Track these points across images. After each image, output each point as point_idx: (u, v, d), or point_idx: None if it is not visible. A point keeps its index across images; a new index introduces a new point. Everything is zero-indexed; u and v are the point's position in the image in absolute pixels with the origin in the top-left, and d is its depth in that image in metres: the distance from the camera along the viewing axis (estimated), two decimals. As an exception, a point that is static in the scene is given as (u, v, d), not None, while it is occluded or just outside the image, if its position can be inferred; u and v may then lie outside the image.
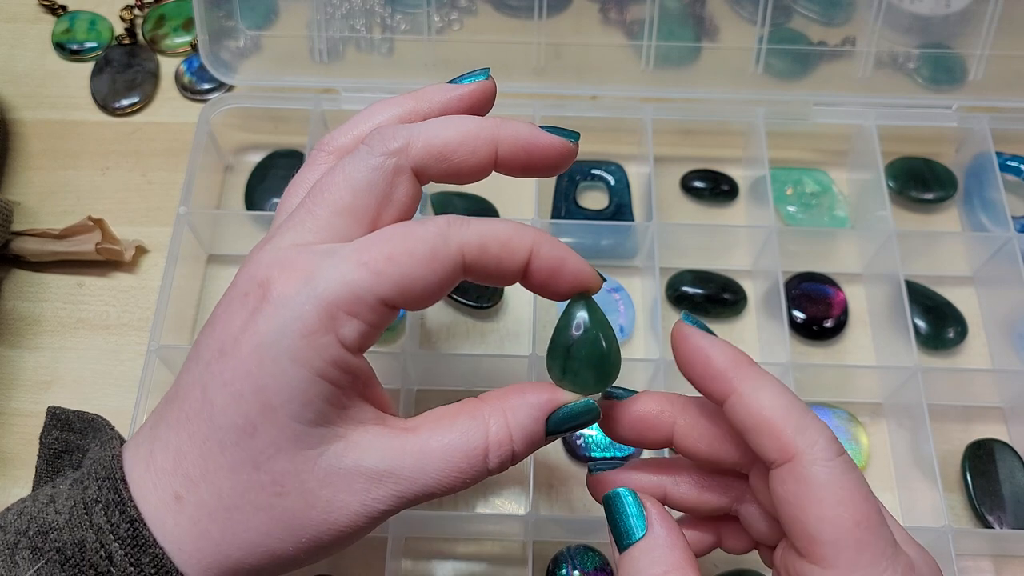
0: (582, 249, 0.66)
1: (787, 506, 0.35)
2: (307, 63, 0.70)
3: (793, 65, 0.70)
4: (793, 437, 0.35)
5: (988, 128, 0.68)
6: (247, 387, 0.35)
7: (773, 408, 0.35)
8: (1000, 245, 0.65)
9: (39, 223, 0.68)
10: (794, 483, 0.34)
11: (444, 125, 0.39)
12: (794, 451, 0.34)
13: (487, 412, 0.38)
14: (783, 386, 0.37)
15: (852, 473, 0.35)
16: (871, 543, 0.34)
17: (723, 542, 0.42)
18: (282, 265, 0.36)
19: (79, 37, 0.77)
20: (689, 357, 0.38)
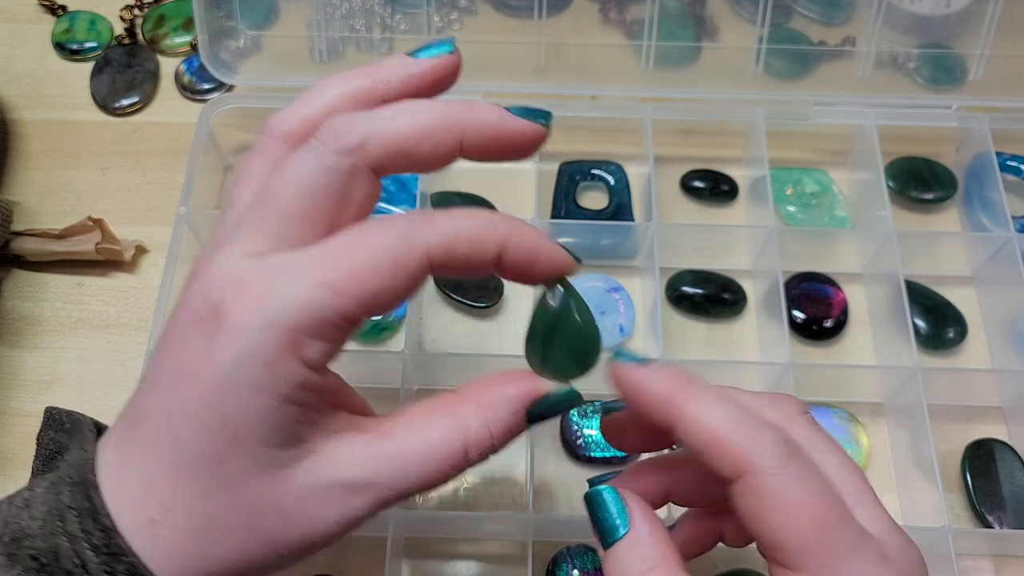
0: (582, 249, 0.66)
1: (750, 520, 0.34)
2: (307, 63, 0.70)
3: (793, 65, 0.70)
4: (742, 452, 0.34)
5: (988, 128, 0.68)
6: (212, 419, 0.34)
7: (719, 426, 0.35)
8: (1000, 245, 0.65)
9: (39, 223, 0.68)
10: (751, 496, 0.34)
11: (404, 117, 0.37)
12: (745, 465, 0.34)
13: (465, 409, 0.37)
14: (728, 401, 0.35)
15: (807, 474, 0.34)
16: (835, 541, 0.33)
17: (725, 536, 0.42)
18: (236, 285, 0.34)
19: (79, 37, 0.77)
20: (629, 394, 0.37)
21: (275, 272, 0.34)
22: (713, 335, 0.66)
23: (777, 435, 0.35)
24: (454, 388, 0.39)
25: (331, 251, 0.35)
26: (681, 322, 0.66)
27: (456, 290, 0.65)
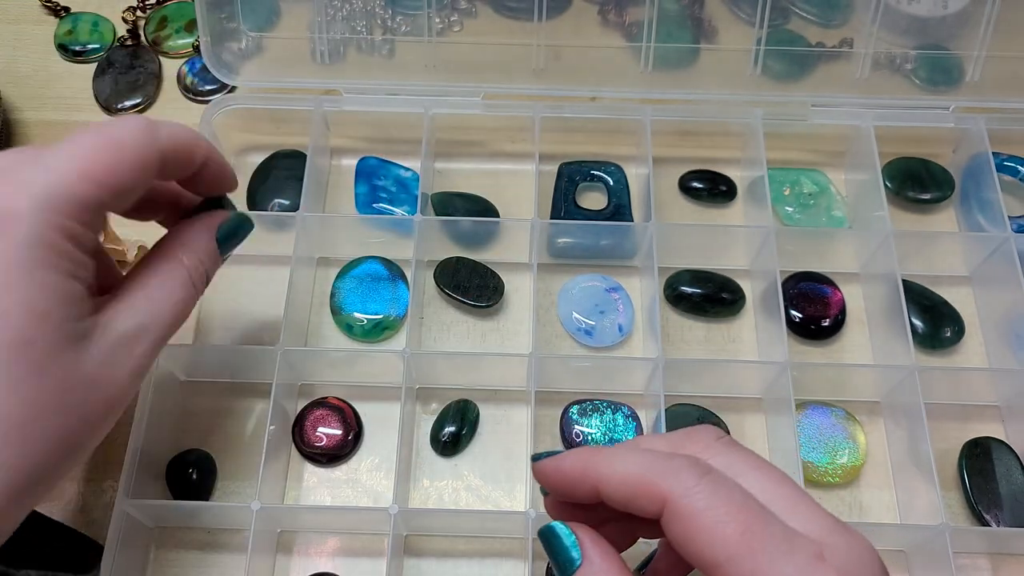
0: (581, 250, 0.67)
1: (683, 548, 0.35)
2: (308, 64, 0.70)
3: (791, 66, 0.70)
4: (657, 484, 0.35)
5: (985, 129, 0.68)
6: (15, 303, 0.38)
7: (631, 471, 0.36)
8: (997, 245, 0.65)
9: (43, 224, 0.69)
10: (676, 524, 0.34)
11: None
12: (662, 495, 0.35)
13: (177, 252, 0.47)
14: (636, 449, 0.37)
15: (723, 487, 0.35)
16: (761, 546, 0.33)
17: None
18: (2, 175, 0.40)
19: (82, 38, 0.78)
20: (551, 483, 0.39)
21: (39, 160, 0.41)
22: (711, 334, 0.66)
23: (687, 461, 0.36)
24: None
25: (85, 144, 0.41)
26: (680, 322, 0.67)
27: (456, 290, 0.65)
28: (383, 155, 0.71)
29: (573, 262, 0.68)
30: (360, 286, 0.66)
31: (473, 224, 0.66)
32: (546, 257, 0.68)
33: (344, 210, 0.70)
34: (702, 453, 0.37)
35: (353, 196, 0.70)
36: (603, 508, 0.39)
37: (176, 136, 0.45)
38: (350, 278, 0.66)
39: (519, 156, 0.72)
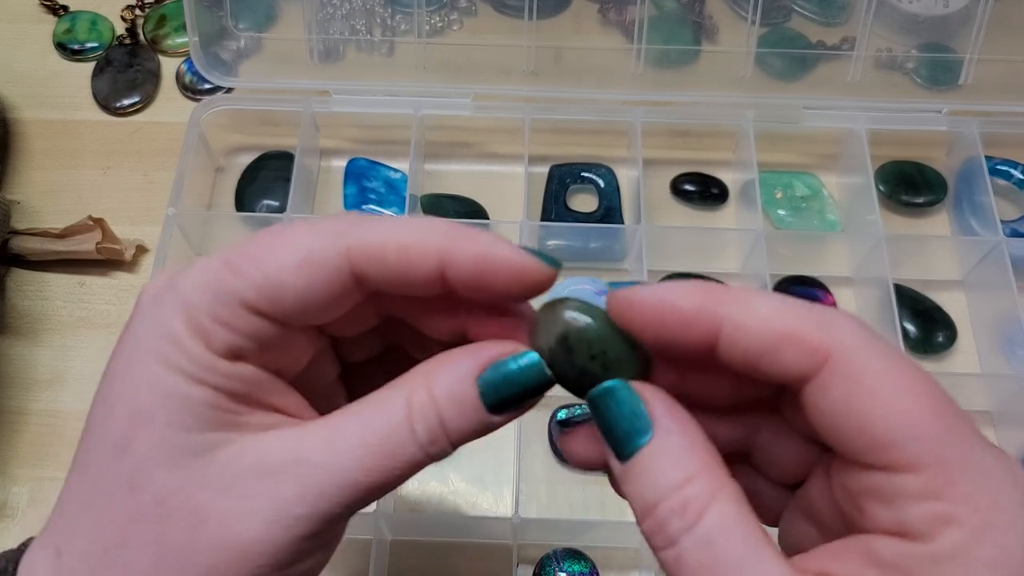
0: (571, 252, 0.67)
1: (839, 416, 0.27)
2: (306, 64, 0.70)
3: (791, 65, 0.70)
4: (820, 333, 0.28)
5: (978, 132, 0.68)
6: (116, 395, 0.31)
7: (779, 315, 0.28)
8: (989, 249, 0.65)
9: (40, 222, 0.69)
10: (841, 384, 0.27)
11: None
12: (827, 347, 0.27)
13: (410, 383, 0.31)
14: (775, 294, 0.30)
15: (899, 355, 0.28)
16: (957, 426, 0.27)
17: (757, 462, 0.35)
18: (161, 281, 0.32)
19: (80, 37, 0.78)
20: (647, 320, 0.30)
21: (194, 262, 0.32)
22: (625, 283, 0.66)
23: (850, 315, 0.29)
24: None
25: (244, 241, 0.31)
26: (669, 325, 0.66)
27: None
28: (373, 156, 0.72)
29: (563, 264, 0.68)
30: (348, 288, 0.66)
31: (462, 226, 0.66)
32: (536, 259, 0.68)
33: (333, 211, 0.70)
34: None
35: (342, 197, 0.70)
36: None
37: (375, 229, 0.31)
38: (338, 280, 0.66)
39: (509, 158, 0.72)
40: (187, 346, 0.30)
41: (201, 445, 0.30)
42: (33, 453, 0.62)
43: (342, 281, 0.31)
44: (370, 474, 0.30)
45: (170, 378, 0.30)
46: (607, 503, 0.59)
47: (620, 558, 0.59)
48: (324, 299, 0.31)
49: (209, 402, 0.30)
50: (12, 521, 0.59)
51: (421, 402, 0.30)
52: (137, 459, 0.30)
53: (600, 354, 0.31)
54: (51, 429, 0.63)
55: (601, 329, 0.31)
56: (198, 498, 0.30)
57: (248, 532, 0.29)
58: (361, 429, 0.30)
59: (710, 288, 0.29)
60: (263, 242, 0.31)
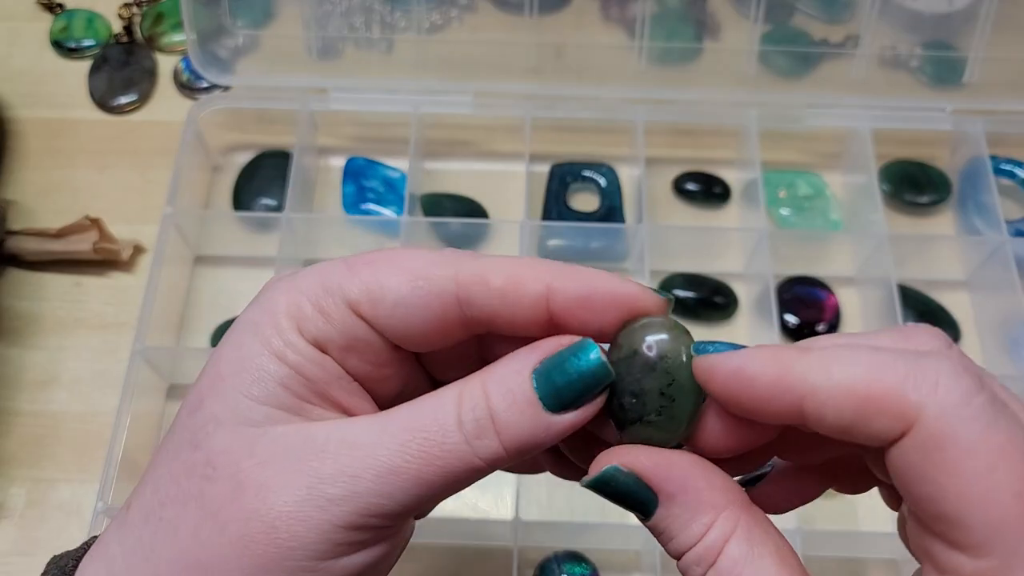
0: (572, 251, 0.67)
1: (916, 483, 0.26)
2: (305, 62, 0.70)
3: (794, 63, 0.69)
4: (905, 394, 0.25)
5: (982, 131, 0.67)
6: (209, 363, 0.32)
7: (859, 376, 0.26)
8: (994, 249, 0.64)
9: (36, 222, 0.69)
10: (921, 452, 0.25)
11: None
12: (913, 409, 0.25)
13: (464, 380, 0.31)
14: (854, 348, 0.27)
15: (1002, 419, 0.25)
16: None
17: (838, 483, 0.34)
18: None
19: (76, 35, 0.78)
20: (725, 391, 0.29)
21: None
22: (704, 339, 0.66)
23: (949, 362, 0.26)
24: None
25: (360, 254, 0.32)
26: (671, 325, 0.66)
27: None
28: (371, 155, 0.71)
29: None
30: (347, 288, 0.66)
31: (462, 225, 0.66)
32: (537, 259, 0.67)
33: (331, 211, 0.70)
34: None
35: (340, 196, 0.70)
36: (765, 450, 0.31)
37: (488, 263, 0.31)
38: (337, 280, 0.66)
39: (510, 156, 0.71)
40: (281, 324, 0.31)
41: (261, 416, 0.30)
42: (30, 454, 0.61)
43: (447, 302, 0.31)
44: (411, 460, 0.29)
45: (254, 348, 0.31)
46: (607, 506, 0.59)
47: (621, 560, 0.58)
48: (426, 318, 0.31)
49: (281, 380, 0.31)
50: (10, 522, 0.59)
51: (472, 393, 0.30)
52: (203, 418, 0.31)
53: (668, 393, 0.30)
54: (48, 430, 0.62)
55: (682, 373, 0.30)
56: (243, 464, 0.30)
57: (281, 506, 0.29)
58: (409, 415, 0.30)
59: (786, 356, 0.28)
60: (386, 252, 0.32)
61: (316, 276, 0.32)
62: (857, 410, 0.26)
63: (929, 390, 0.25)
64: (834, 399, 0.26)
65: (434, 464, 0.29)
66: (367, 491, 0.29)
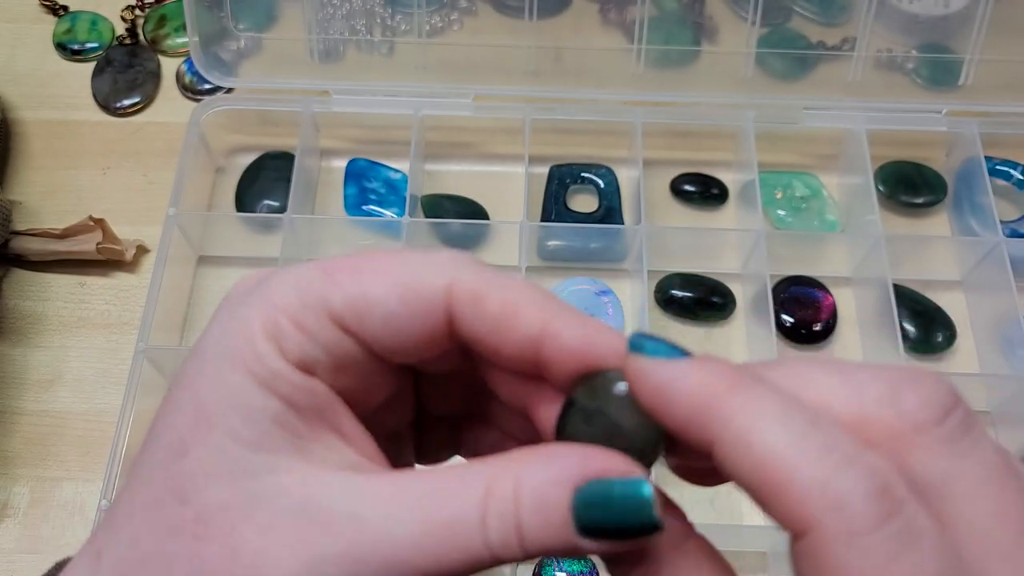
0: (571, 252, 0.67)
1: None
2: (307, 64, 0.70)
3: (791, 65, 0.70)
4: (805, 499, 0.23)
5: (977, 132, 0.68)
6: (184, 396, 0.28)
7: (774, 454, 0.23)
8: (989, 249, 0.65)
9: (40, 223, 0.69)
10: (810, 569, 0.23)
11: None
12: (810, 521, 0.22)
13: (494, 465, 0.27)
14: (795, 411, 0.24)
15: (909, 553, 0.22)
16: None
17: None
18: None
19: (80, 37, 0.78)
20: (649, 399, 0.26)
21: (291, 265, 0.30)
22: (701, 339, 0.66)
23: (871, 477, 0.23)
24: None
25: (349, 254, 0.29)
26: (669, 325, 0.67)
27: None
28: (373, 156, 0.72)
29: (563, 265, 0.68)
30: (349, 289, 0.66)
31: (462, 226, 0.67)
32: (536, 260, 0.68)
33: (333, 212, 0.71)
34: (913, 440, 0.24)
35: (342, 198, 0.70)
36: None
37: (489, 281, 0.28)
38: (339, 281, 0.66)
39: (509, 158, 0.72)
40: (260, 349, 0.27)
41: (259, 466, 0.27)
42: (34, 453, 0.62)
43: (435, 315, 0.28)
44: (424, 559, 0.26)
45: (238, 381, 0.27)
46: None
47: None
48: (412, 330, 0.28)
49: (275, 416, 0.27)
50: (13, 521, 0.60)
51: (503, 495, 0.26)
52: (190, 468, 0.27)
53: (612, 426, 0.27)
54: (51, 429, 0.63)
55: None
56: (238, 528, 0.27)
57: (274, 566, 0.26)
58: (428, 503, 0.26)
59: (717, 385, 0.25)
60: (368, 257, 0.29)
61: (291, 288, 0.28)
62: (757, 483, 0.24)
63: (832, 506, 0.22)
64: (740, 459, 0.24)
65: (448, 566, 0.26)
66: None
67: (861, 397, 0.25)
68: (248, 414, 0.27)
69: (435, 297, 0.28)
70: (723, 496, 0.61)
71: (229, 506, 0.27)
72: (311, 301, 0.28)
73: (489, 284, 0.28)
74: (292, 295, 0.28)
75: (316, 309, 0.28)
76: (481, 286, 0.28)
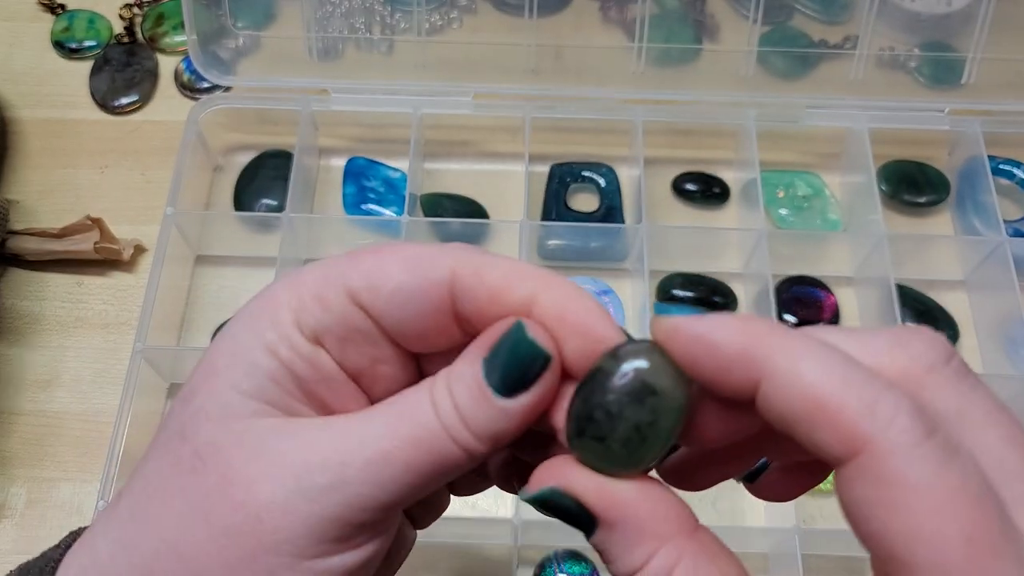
0: (572, 252, 0.67)
1: (862, 517, 0.24)
2: (305, 63, 0.70)
3: (793, 63, 0.70)
4: (858, 419, 0.24)
5: (980, 131, 0.68)
6: (207, 351, 0.32)
7: (822, 383, 0.24)
8: (992, 249, 0.65)
9: (38, 222, 0.69)
10: (869, 486, 0.24)
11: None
12: (863, 440, 0.24)
13: (434, 376, 0.30)
14: (831, 350, 0.25)
15: (954, 462, 0.24)
16: (989, 567, 0.23)
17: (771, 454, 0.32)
18: None
19: (78, 36, 0.78)
20: (687, 355, 0.27)
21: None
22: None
23: (909, 404, 0.24)
24: None
25: (363, 247, 0.32)
26: (670, 325, 0.66)
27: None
28: (372, 155, 0.71)
29: (563, 264, 0.68)
30: (348, 288, 0.66)
31: (462, 225, 0.66)
32: (536, 259, 0.68)
33: (332, 211, 0.70)
34: (924, 379, 0.26)
35: (341, 197, 0.70)
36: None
37: (485, 259, 0.31)
38: (338, 280, 0.66)
39: (509, 157, 0.72)
40: (279, 317, 0.31)
41: (248, 411, 0.30)
42: (31, 453, 0.62)
43: (440, 292, 0.30)
44: (400, 444, 0.29)
45: (248, 341, 0.31)
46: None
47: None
48: (418, 302, 0.30)
49: (273, 375, 0.30)
50: (11, 521, 0.59)
51: (439, 386, 0.30)
52: (193, 409, 0.30)
53: (643, 432, 0.28)
54: (49, 430, 0.62)
55: (667, 419, 0.28)
56: (229, 457, 0.29)
57: (268, 496, 0.29)
58: (392, 404, 0.30)
59: (757, 330, 0.26)
60: (389, 244, 0.32)
61: (319, 268, 0.31)
62: (806, 412, 0.25)
63: (883, 424, 0.24)
64: (789, 391, 0.25)
65: (422, 448, 0.29)
66: (356, 479, 0.29)
67: (874, 346, 0.27)
68: (249, 369, 0.30)
69: (441, 273, 0.30)
70: (725, 498, 0.60)
71: (219, 441, 0.30)
72: (332, 277, 0.31)
73: (489, 260, 0.30)
74: (319, 274, 0.31)
75: (336, 284, 0.31)
76: (483, 263, 0.30)
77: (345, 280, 0.31)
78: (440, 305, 0.30)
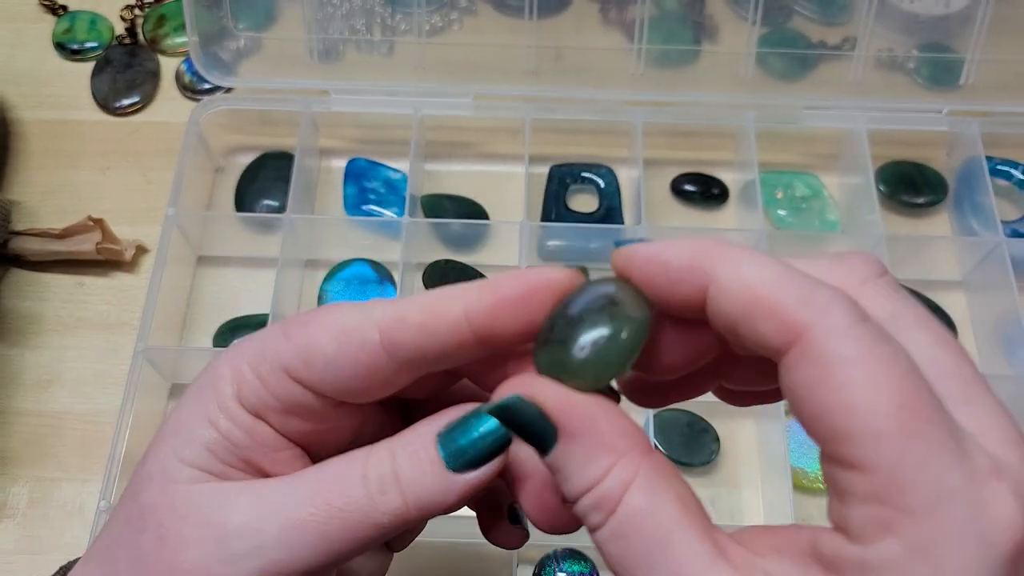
0: (571, 252, 0.67)
1: (804, 401, 0.26)
2: (306, 64, 0.70)
3: (792, 65, 0.70)
4: (796, 308, 0.26)
5: (978, 132, 0.68)
6: (162, 423, 0.34)
7: (762, 281, 0.27)
8: (990, 249, 0.65)
9: (39, 223, 0.69)
10: (808, 367, 0.25)
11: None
12: (801, 325, 0.26)
13: (374, 445, 0.33)
14: (771, 256, 0.28)
15: (884, 342, 0.25)
16: (918, 432, 0.24)
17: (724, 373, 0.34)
18: None
19: (79, 37, 0.78)
20: (642, 274, 0.29)
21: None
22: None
23: (842, 295, 0.26)
24: None
25: (294, 316, 0.34)
26: (670, 325, 0.66)
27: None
28: (373, 156, 0.72)
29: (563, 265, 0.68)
30: (348, 288, 0.66)
31: (462, 226, 0.67)
32: (536, 260, 0.68)
33: (333, 212, 0.71)
34: (859, 289, 0.28)
35: (342, 198, 0.70)
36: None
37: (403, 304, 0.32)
38: (338, 280, 0.66)
39: (509, 158, 0.72)
40: (221, 391, 0.33)
41: (185, 476, 0.32)
42: (32, 453, 0.62)
43: (371, 352, 0.31)
44: (314, 513, 0.31)
45: (192, 412, 0.33)
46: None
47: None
48: (351, 368, 0.32)
49: (208, 444, 0.33)
50: (12, 522, 0.59)
51: (379, 453, 0.32)
52: (144, 472, 0.33)
53: (605, 343, 0.29)
54: (50, 430, 0.63)
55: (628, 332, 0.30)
56: (165, 519, 0.32)
57: (192, 560, 0.31)
58: (317, 472, 0.32)
59: (703, 245, 0.28)
60: (319, 311, 0.33)
61: (256, 343, 0.33)
62: (749, 309, 0.27)
63: (819, 312, 0.26)
64: (732, 292, 0.27)
65: (337, 518, 0.31)
66: (272, 545, 0.31)
67: (815, 266, 0.28)
68: (189, 438, 0.33)
69: (367, 335, 0.31)
70: (723, 497, 0.61)
71: (158, 503, 0.32)
72: (268, 354, 0.32)
73: (407, 303, 0.31)
74: (256, 349, 0.33)
75: (271, 361, 0.32)
76: (400, 308, 0.31)
77: (279, 357, 0.32)
78: (374, 363, 0.32)
